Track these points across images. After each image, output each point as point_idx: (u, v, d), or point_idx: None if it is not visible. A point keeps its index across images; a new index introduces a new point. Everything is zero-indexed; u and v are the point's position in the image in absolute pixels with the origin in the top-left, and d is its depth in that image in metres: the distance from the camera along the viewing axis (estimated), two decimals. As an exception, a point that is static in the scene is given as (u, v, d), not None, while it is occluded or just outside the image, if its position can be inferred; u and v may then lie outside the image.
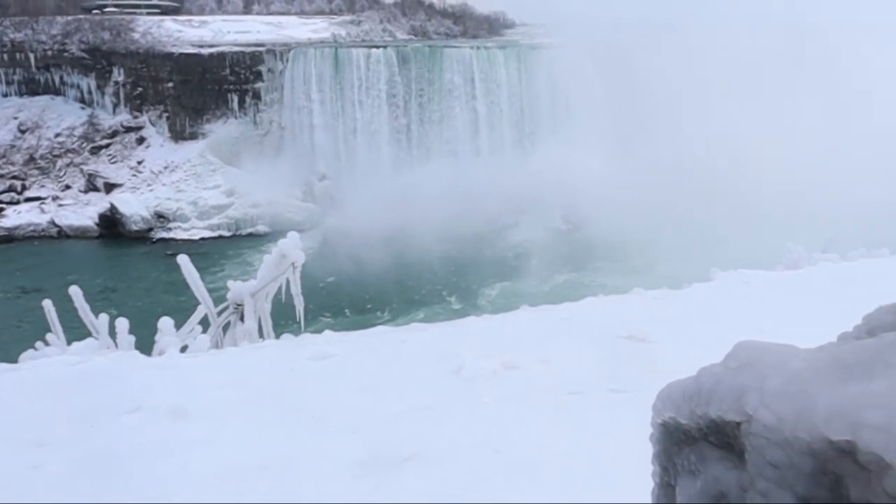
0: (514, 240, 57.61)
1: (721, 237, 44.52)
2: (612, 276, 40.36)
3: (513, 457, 6.16)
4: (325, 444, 6.32)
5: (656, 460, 1.99)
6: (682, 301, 10.99)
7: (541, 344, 8.46)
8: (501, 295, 42.21)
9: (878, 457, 1.27)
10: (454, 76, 69.13)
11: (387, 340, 9.12)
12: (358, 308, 42.75)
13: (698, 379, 1.84)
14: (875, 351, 1.54)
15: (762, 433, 1.48)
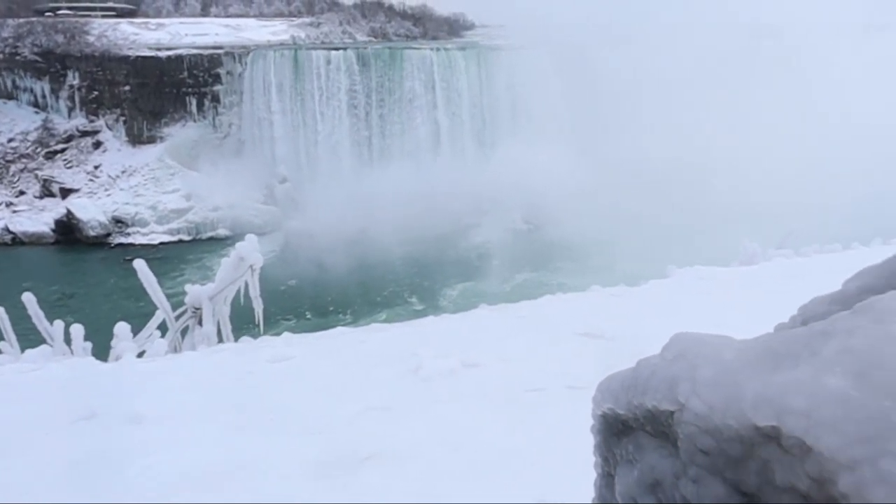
0: (476, 240, 57.73)
1: (679, 235, 45.05)
2: (571, 275, 40.65)
3: (472, 455, 6.18)
4: (284, 446, 6.29)
5: (597, 451, 2.01)
6: (639, 298, 11.11)
7: (499, 342, 8.50)
8: (462, 295, 42.27)
9: (800, 441, 1.29)
10: (414, 78, 69.09)
11: (346, 341, 9.10)
12: (320, 310, 42.52)
13: (636, 370, 1.86)
14: (804, 340, 1.57)
15: (693, 421, 1.51)
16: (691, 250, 31.12)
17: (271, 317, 35.48)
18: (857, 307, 1.63)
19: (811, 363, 1.43)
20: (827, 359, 1.42)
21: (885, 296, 1.68)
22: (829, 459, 1.24)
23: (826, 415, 1.28)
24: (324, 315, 40.59)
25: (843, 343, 1.46)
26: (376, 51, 71.08)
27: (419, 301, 44.50)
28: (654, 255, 28.83)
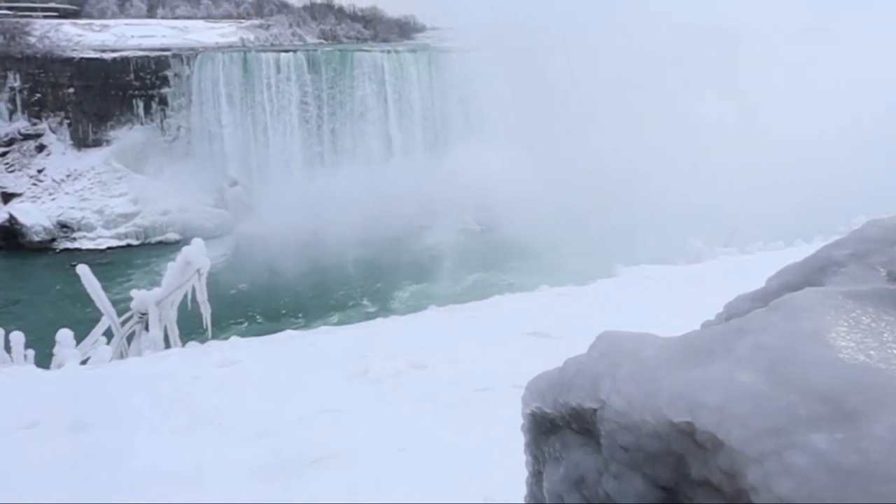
0: (428, 242, 57.73)
1: (627, 234, 45.59)
2: (521, 276, 40.89)
3: (420, 455, 6.18)
4: (231, 450, 6.22)
5: (527, 449, 2.03)
6: (586, 297, 11.22)
7: (448, 343, 8.51)
8: (414, 297, 42.21)
9: (712, 436, 1.32)
10: (365, 80, 68.81)
11: (294, 344, 9.03)
12: (271, 314, 42.11)
13: (563, 369, 1.88)
14: (721, 337, 1.61)
15: (614, 418, 1.53)
16: (639, 249, 31.52)
17: (222, 321, 34.98)
18: (773, 304, 1.67)
19: (726, 359, 1.46)
20: (740, 355, 1.45)
21: (799, 293, 1.72)
22: (739, 453, 1.26)
23: (736, 409, 1.31)
24: (276, 319, 40.20)
25: (757, 339, 1.49)
26: (327, 53, 70.64)
27: (371, 303, 44.33)
28: (602, 255, 29.14)
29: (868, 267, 1.93)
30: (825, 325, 1.49)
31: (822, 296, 1.66)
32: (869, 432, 1.23)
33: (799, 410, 1.27)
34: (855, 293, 1.70)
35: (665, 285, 11.81)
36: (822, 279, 2.01)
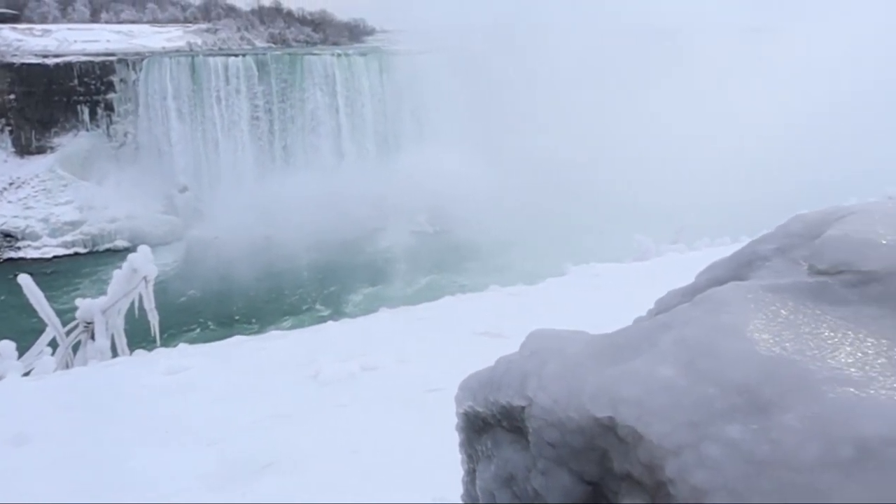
0: (381, 244, 57.57)
1: (578, 232, 46.01)
2: (474, 276, 40.97)
3: (371, 457, 6.16)
4: (178, 459, 6.12)
5: (461, 448, 2.03)
6: (536, 296, 11.28)
7: (399, 344, 8.50)
8: (367, 300, 42.01)
9: (633, 429, 1.33)
10: (316, 83, 68.39)
11: (244, 350, 8.93)
12: (224, 321, 41.56)
13: (494, 368, 1.89)
14: (646, 332, 1.63)
15: (540, 415, 1.54)
16: (589, 248, 31.84)
17: (173, 328, 34.47)
18: (697, 299, 1.70)
19: (648, 354, 1.48)
20: (662, 350, 1.47)
21: (721, 287, 1.75)
22: (658, 446, 1.28)
23: (655, 403, 1.32)
24: (228, 325, 39.69)
25: (678, 334, 1.51)
26: (276, 57, 70.03)
27: (325, 307, 44.00)
28: (553, 254, 29.39)
29: (791, 261, 1.97)
30: (744, 318, 1.52)
31: (744, 290, 1.69)
32: (781, 422, 1.25)
33: (715, 403, 1.29)
34: (775, 287, 1.73)
35: (613, 283, 11.95)
36: (748, 273, 2.05)
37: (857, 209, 2.24)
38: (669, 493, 1.25)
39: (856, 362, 1.42)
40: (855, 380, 1.36)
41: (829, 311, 1.62)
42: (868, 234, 1.86)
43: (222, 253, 52.13)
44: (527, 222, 51.12)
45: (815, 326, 1.54)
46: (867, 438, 1.24)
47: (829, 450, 1.22)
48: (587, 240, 40.77)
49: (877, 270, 1.73)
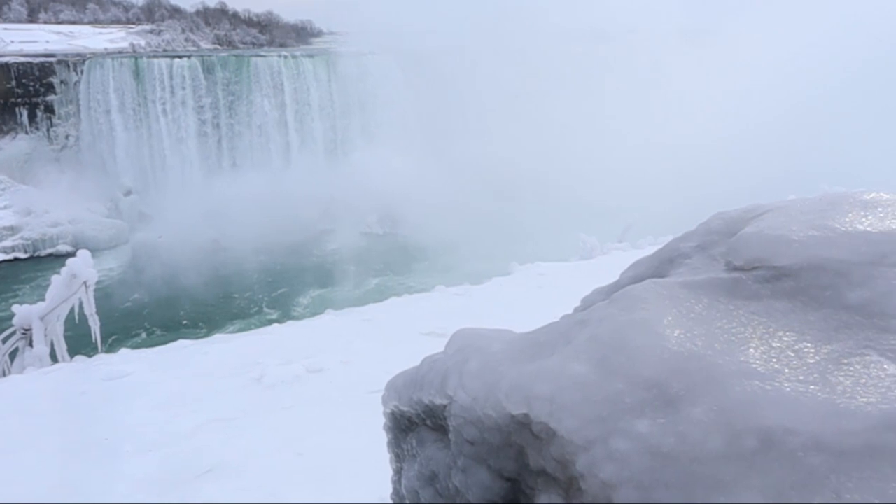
0: (330, 246, 57.12)
1: (526, 232, 46.29)
2: (422, 277, 40.91)
3: (315, 459, 6.11)
4: (118, 466, 5.99)
5: (389, 448, 2.02)
6: (481, 295, 11.32)
7: (344, 346, 8.44)
8: (316, 302, 41.61)
9: (546, 426, 1.34)
10: (263, 85, 67.66)
11: (187, 354, 8.77)
12: (171, 325, 40.75)
13: (419, 368, 1.88)
14: (564, 329, 1.64)
15: (460, 413, 1.54)
16: (536, 247, 32.06)
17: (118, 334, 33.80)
18: (614, 296, 1.72)
19: (563, 351, 1.49)
20: (576, 347, 1.48)
21: (637, 285, 1.77)
22: (569, 441, 1.29)
23: (567, 399, 1.33)
24: (175, 330, 38.91)
25: (593, 331, 1.52)
26: (222, 58, 69.04)
27: (273, 310, 43.42)
28: (500, 254, 29.48)
29: (710, 258, 2.01)
30: (657, 315, 1.54)
31: (659, 287, 1.71)
32: (688, 416, 1.27)
33: (625, 398, 1.31)
34: (691, 283, 1.76)
35: (557, 281, 12.05)
36: (669, 270, 2.08)
37: (774, 207, 2.30)
38: (581, 488, 1.26)
39: (763, 356, 1.45)
40: (761, 373, 1.39)
41: (741, 306, 1.65)
42: (782, 231, 1.90)
43: (169, 257, 51.19)
44: (475, 223, 51.27)
45: (726, 321, 1.57)
46: (770, 430, 1.27)
47: (733, 442, 1.24)
48: (534, 239, 41.07)
49: (789, 266, 1.78)
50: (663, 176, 53.82)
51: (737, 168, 53.51)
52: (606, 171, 55.92)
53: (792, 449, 1.25)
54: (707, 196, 46.74)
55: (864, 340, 1.59)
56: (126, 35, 76.28)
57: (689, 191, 49.62)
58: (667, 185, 52.27)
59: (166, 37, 78.29)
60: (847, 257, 1.81)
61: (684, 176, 53.62)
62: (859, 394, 1.40)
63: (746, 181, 47.68)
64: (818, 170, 42.52)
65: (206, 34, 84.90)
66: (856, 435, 1.30)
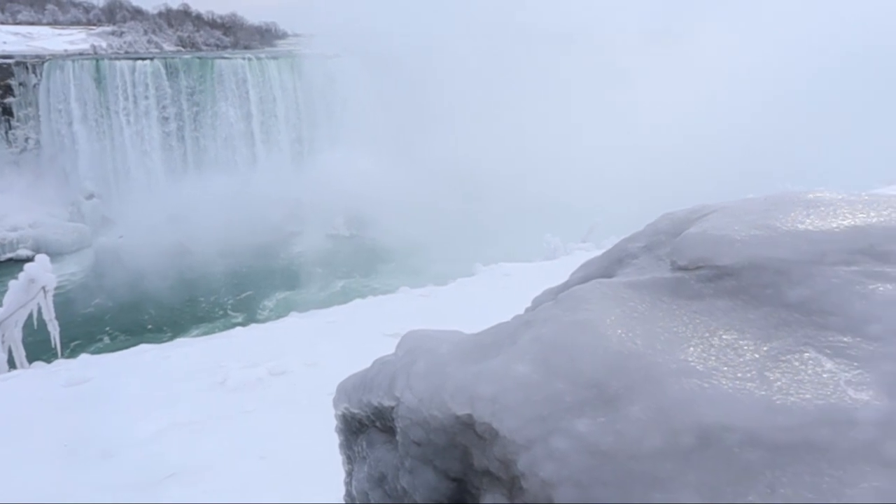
0: (297, 248, 56.79)
1: (492, 233, 46.40)
2: (388, 278, 40.84)
3: (278, 462, 6.08)
4: (78, 473, 5.90)
5: (341, 450, 2.02)
6: (446, 296, 11.34)
7: (307, 348, 8.40)
8: (281, 305, 41.30)
9: (489, 426, 1.35)
10: (227, 87, 67.05)
11: (149, 358, 8.67)
12: (135, 330, 40.19)
13: (369, 369, 1.88)
14: (510, 330, 1.65)
15: (407, 414, 1.54)
16: (501, 248, 32.15)
17: (80, 339, 33.31)
18: (559, 297, 1.73)
19: (508, 352, 1.50)
20: (520, 347, 1.49)
21: (584, 285, 1.79)
22: (510, 441, 1.30)
23: (509, 399, 1.34)
24: (139, 335, 38.39)
25: (537, 331, 1.54)
26: (185, 60, 68.32)
27: (239, 313, 43.02)
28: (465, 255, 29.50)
29: (656, 258, 2.03)
30: (601, 315, 1.56)
31: (604, 287, 1.73)
32: (626, 415, 1.29)
33: (565, 397, 1.32)
34: (635, 283, 1.78)
35: (521, 282, 12.09)
36: (617, 270, 2.10)
37: (720, 207, 2.33)
38: (522, 487, 1.27)
39: (703, 354, 1.47)
40: (699, 371, 1.41)
41: (684, 305, 1.68)
42: (724, 230, 1.93)
43: (133, 261, 50.50)
44: (441, 224, 51.29)
45: (668, 321, 1.59)
46: (707, 427, 1.29)
47: (671, 439, 1.26)
48: (500, 240, 41.18)
49: (731, 265, 1.81)
50: (628, 177, 54.24)
51: (701, 169, 54.13)
52: (572, 171, 56.25)
53: (728, 445, 1.27)
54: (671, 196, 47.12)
55: (803, 338, 1.62)
56: (87, 36, 75.09)
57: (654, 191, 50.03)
58: (631, 185, 52.67)
59: (128, 38, 77.19)
60: (788, 256, 1.85)
61: (649, 177, 54.07)
62: (796, 390, 1.43)
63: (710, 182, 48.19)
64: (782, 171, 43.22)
65: (168, 36, 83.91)
66: (791, 430, 1.33)
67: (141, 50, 75.64)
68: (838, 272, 1.83)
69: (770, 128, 60.19)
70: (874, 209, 2.22)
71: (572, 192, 52.43)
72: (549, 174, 55.94)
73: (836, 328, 1.66)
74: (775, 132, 59.68)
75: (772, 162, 51.09)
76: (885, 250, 1.95)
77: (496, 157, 59.05)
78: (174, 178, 63.79)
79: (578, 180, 54.36)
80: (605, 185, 52.71)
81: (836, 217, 2.09)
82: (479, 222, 51.04)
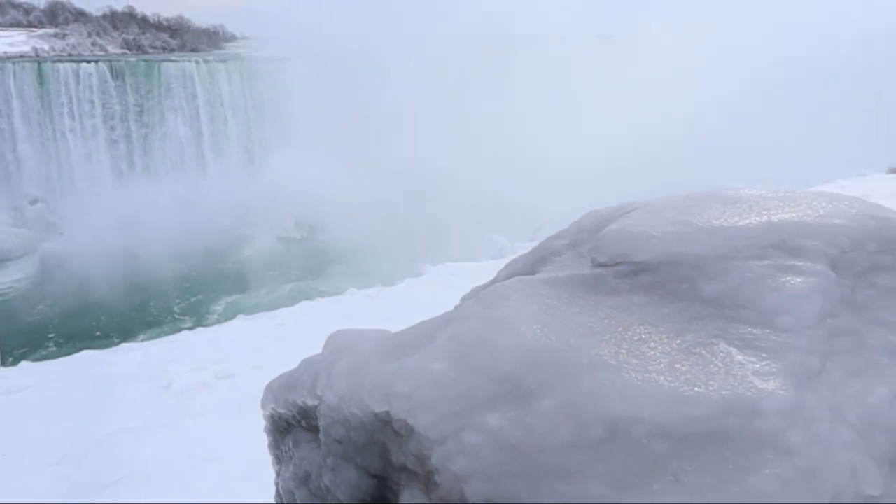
0: (247, 252, 56.02)
1: (442, 233, 46.27)
2: (338, 280, 40.47)
3: (224, 466, 6.00)
4: (18, 482, 5.75)
5: (270, 450, 2.01)
6: (393, 297, 11.31)
7: (254, 351, 8.31)
8: (230, 309, 40.60)
9: (404, 422, 1.36)
10: (175, 90, 65.79)
11: (92, 364, 8.48)
12: (82, 338, 39.05)
13: (296, 369, 1.88)
14: (431, 328, 1.66)
15: (328, 413, 1.54)
16: (452, 247, 32.12)
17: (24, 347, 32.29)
18: (480, 294, 1.75)
19: (426, 350, 1.51)
20: (438, 344, 1.50)
21: (504, 283, 1.81)
22: (425, 437, 1.31)
23: (424, 396, 1.35)
24: (86, 342, 37.23)
25: (456, 329, 1.55)
26: (131, 63, 66.92)
27: (188, 318, 42.22)
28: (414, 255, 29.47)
29: (578, 255, 2.06)
30: (518, 312, 1.58)
31: (524, 284, 1.75)
32: (538, 409, 1.30)
33: (479, 393, 1.34)
34: (554, 280, 1.80)
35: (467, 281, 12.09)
36: (540, 268, 2.13)
37: (643, 204, 2.37)
38: (436, 481, 1.28)
39: (616, 349, 1.50)
40: (611, 365, 1.43)
41: (601, 301, 1.71)
42: (643, 227, 1.97)
43: (79, 266, 49.26)
44: (392, 225, 51.08)
45: (584, 316, 1.61)
46: (616, 419, 1.32)
47: (581, 432, 1.28)
48: (448, 240, 41.12)
49: (648, 261, 1.84)
50: (576, 176, 54.59)
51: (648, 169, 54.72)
52: (521, 171, 56.47)
53: (637, 437, 1.30)
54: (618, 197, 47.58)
55: (715, 330, 1.66)
56: (28, 38, 73.09)
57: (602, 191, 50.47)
58: (579, 185, 53.00)
59: (71, 41, 75.37)
60: (703, 252, 1.89)
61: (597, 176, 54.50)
62: (705, 382, 1.46)
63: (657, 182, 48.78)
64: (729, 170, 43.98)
65: (114, 38, 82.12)
66: (698, 421, 1.36)
67: (85, 52, 73.91)
68: (751, 267, 1.87)
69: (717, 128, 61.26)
70: (788, 205, 2.28)
71: (522, 191, 52.68)
72: (499, 174, 56.14)
73: (747, 321, 1.70)
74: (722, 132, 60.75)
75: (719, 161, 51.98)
76: (797, 245, 2.00)
77: (446, 157, 59.06)
78: (122, 182, 62.48)
79: (527, 180, 54.65)
80: (553, 184, 53.05)
81: (751, 213, 2.14)
82: (428, 222, 51.01)
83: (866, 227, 2.08)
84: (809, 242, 2.01)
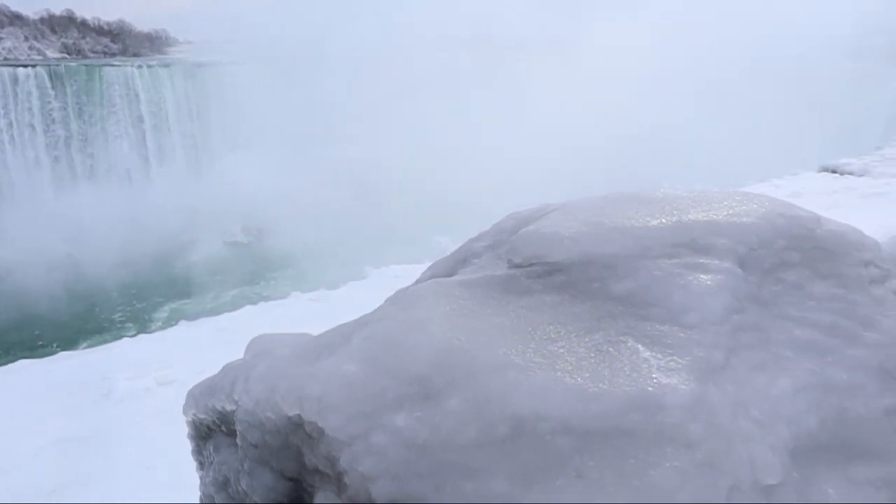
0: (193, 258, 55.05)
1: (388, 236, 46.12)
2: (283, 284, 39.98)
3: (165, 473, 5.91)
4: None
5: (194, 456, 1.99)
6: (337, 299, 11.27)
7: (196, 356, 8.19)
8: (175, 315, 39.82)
9: (315, 424, 1.36)
10: (117, 96, 64.24)
11: (29, 374, 8.25)
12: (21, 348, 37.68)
13: (217, 374, 1.86)
14: (347, 330, 1.66)
15: (244, 417, 1.53)
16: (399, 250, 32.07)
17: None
18: (394, 296, 1.76)
19: (340, 352, 1.51)
20: (352, 346, 1.51)
21: (420, 284, 1.82)
22: (334, 438, 1.31)
23: (334, 398, 1.36)
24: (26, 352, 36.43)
25: (370, 330, 1.55)
26: (71, 68, 65.20)
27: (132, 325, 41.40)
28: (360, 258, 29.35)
29: (497, 256, 2.08)
30: (431, 313, 1.59)
31: (438, 285, 1.77)
32: (444, 408, 1.32)
33: (388, 394, 1.34)
34: (469, 281, 1.82)
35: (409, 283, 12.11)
36: (460, 269, 2.15)
37: (561, 205, 2.41)
38: (345, 482, 1.28)
39: (524, 348, 1.52)
40: (519, 364, 1.45)
41: (513, 301, 1.73)
42: (556, 228, 2.00)
43: (18, 276, 47.82)
44: (338, 227, 50.74)
45: (496, 317, 1.63)
46: (521, 417, 1.34)
47: (486, 430, 1.30)
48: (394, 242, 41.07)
49: (561, 261, 1.87)
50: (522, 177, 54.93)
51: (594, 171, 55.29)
52: (468, 172, 56.60)
53: (541, 434, 1.32)
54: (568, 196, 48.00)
55: (624, 328, 1.70)
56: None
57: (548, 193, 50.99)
58: (527, 185, 53.30)
59: (7, 45, 73.11)
60: (615, 251, 1.92)
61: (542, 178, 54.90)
62: (610, 379, 1.49)
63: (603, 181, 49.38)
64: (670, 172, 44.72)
65: (52, 42, 79.94)
66: (602, 417, 1.39)
67: (22, 57, 71.69)
68: (661, 265, 1.91)
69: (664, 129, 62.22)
70: (700, 205, 2.34)
71: (468, 192, 52.72)
72: (447, 175, 56.16)
73: (656, 318, 1.74)
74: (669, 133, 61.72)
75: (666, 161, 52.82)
76: (706, 243, 2.06)
77: (393, 159, 58.87)
78: (63, 189, 60.83)
79: (475, 180, 54.78)
80: (501, 185, 53.30)
81: (663, 213, 2.19)
82: (374, 224, 50.80)
83: (775, 225, 2.13)
84: (718, 241, 2.06)
